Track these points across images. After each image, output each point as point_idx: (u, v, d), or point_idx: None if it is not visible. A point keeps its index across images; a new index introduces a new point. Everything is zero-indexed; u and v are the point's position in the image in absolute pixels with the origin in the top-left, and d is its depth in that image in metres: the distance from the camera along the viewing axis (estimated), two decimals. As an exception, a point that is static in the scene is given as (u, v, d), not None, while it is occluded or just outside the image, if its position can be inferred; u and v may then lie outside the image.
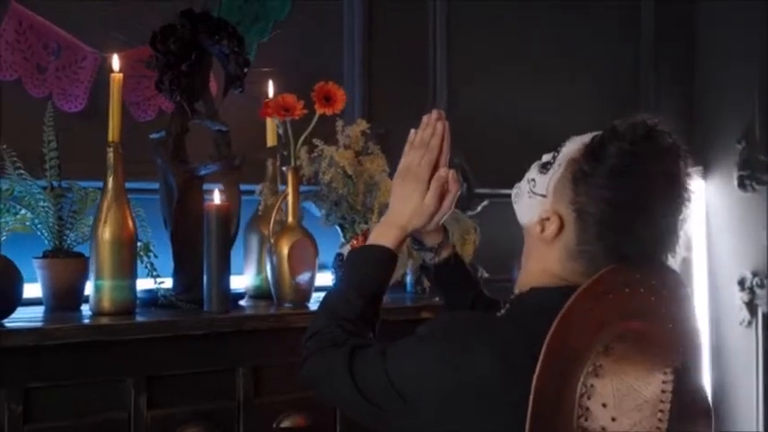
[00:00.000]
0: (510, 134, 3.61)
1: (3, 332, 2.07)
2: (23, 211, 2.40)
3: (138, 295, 2.45)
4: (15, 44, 2.57)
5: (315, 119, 2.61)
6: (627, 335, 1.67)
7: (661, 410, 1.64)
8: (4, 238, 2.36)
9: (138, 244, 2.44)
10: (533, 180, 1.85)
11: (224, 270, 2.40)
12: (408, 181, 2.01)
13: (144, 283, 2.45)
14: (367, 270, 1.98)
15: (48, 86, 2.64)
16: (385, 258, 1.98)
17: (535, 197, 1.83)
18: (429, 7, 3.50)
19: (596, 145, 1.74)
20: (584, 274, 1.72)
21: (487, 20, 3.62)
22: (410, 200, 2.00)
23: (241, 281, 2.75)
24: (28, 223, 2.40)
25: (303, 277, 2.56)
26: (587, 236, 1.73)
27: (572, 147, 1.80)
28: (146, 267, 2.47)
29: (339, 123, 2.80)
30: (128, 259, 2.33)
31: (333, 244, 2.84)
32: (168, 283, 2.51)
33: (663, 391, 1.61)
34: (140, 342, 2.23)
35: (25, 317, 2.25)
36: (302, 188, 2.72)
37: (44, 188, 2.43)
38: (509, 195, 3.46)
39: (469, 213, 3.51)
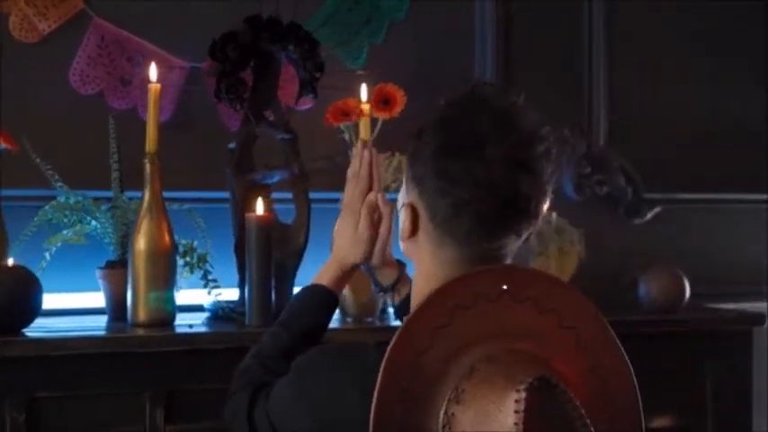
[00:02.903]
0: (682, 133, 3.22)
1: (11, 341, 2.11)
2: (86, 222, 2.44)
3: (207, 307, 2.44)
4: (97, 58, 2.63)
5: (378, 124, 2.46)
6: (497, 355, 1.43)
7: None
8: (56, 249, 2.40)
9: (195, 254, 2.42)
10: None
11: (264, 282, 2.31)
12: (344, 215, 1.94)
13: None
14: (298, 308, 1.91)
15: (132, 99, 2.67)
16: (318, 297, 1.91)
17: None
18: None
19: (425, 117, 1.56)
20: (456, 261, 1.54)
21: (652, 11, 3.24)
22: (345, 233, 1.92)
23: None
24: (87, 233, 2.44)
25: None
26: (434, 201, 1.52)
27: None
28: (201, 279, 2.45)
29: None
30: (163, 270, 2.30)
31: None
32: (232, 294, 2.47)
33: (516, 412, 1.34)
34: (160, 355, 2.19)
35: (77, 326, 2.30)
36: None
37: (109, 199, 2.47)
38: (685, 201, 3.22)
39: (637, 221, 3.19)
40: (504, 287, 1.46)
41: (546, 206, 1.55)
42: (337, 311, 2.07)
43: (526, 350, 1.46)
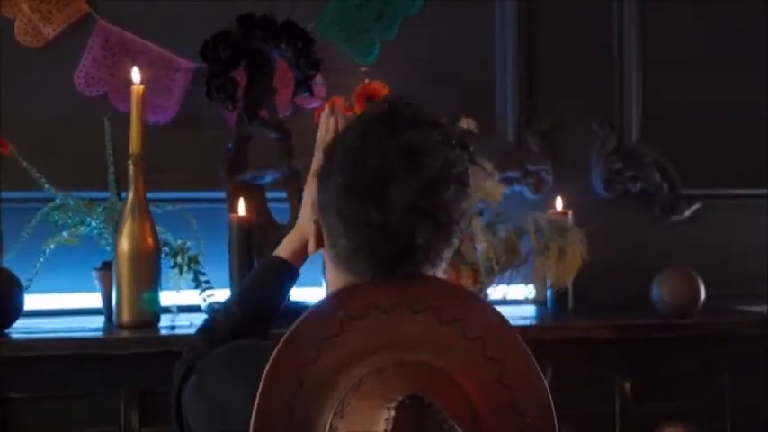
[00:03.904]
0: (719, 127, 3.07)
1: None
2: (86, 223, 2.46)
3: (203, 308, 2.45)
4: (102, 60, 2.65)
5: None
6: (386, 368, 1.37)
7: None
8: (57, 249, 2.43)
9: (187, 256, 2.42)
10: None
11: (246, 284, 2.29)
12: (309, 184, 1.80)
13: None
14: (251, 283, 1.82)
15: (136, 100, 2.68)
16: (272, 270, 1.80)
17: None
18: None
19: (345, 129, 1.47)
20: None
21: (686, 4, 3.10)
22: (309, 201, 1.76)
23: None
24: (84, 234, 2.46)
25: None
26: (334, 235, 1.43)
27: None
28: (193, 280, 2.45)
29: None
30: (147, 272, 2.31)
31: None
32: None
33: (385, 430, 1.28)
34: (136, 357, 2.20)
35: (63, 327, 2.33)
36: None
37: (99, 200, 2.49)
38: (726, 196, 3.06)
39: (674, 219, 3.05)
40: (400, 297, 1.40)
41: (450, 251, 1.45)
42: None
43: (424, 362, 1.39)
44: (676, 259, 2.77)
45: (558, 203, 2.74)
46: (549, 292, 2.68)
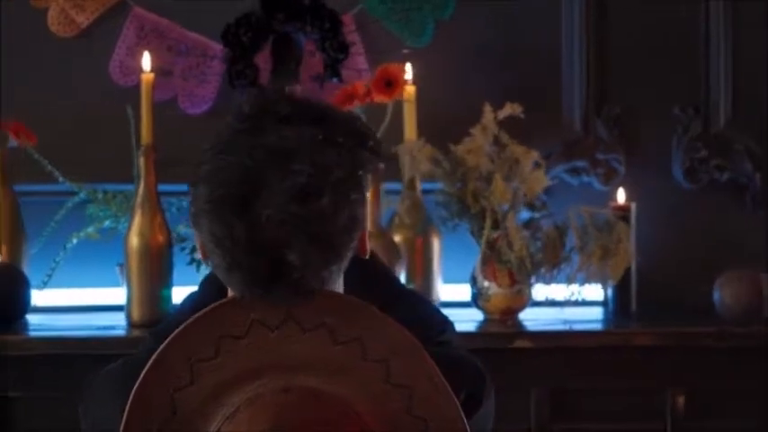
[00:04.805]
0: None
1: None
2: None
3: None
4: (137, 48, 2.56)
5: (389, 109, 2.25)
6: (265, 395, 1.21)
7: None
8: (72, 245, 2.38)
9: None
10: None
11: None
12: None
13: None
14: None
15: (172, 89, 2.59)
16: None
17: None
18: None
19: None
20: None
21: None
22: None
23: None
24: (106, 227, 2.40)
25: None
26: (207, 250, 1.24)
27: None
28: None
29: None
30: (157, 268, 2.22)
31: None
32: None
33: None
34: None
35: (78, 325, 2.27)
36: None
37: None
38: None
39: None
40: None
41: (343, 263, 1.26)
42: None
43: (314, 388, 1.23)
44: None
45: (621, 195, 2.50)
46: (608, 293, 2.45)
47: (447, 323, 1.49)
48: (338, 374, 1.23)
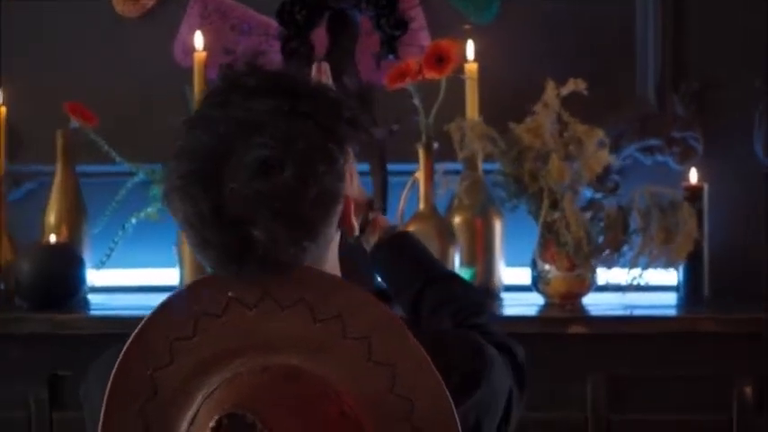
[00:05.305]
0: None
1: (28, 318, 2.14)
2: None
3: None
4: (200, 28, 2.55)
5: (443, 86, 2.18)
6: (242, 374, 1.18)
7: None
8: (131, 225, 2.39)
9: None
10: None
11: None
12: None
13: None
14: None
15: (235, 69, 2.57)
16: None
17: None
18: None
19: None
20: None
21: None
22: None
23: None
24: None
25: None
26: (181, 227, 1.21)
27: None
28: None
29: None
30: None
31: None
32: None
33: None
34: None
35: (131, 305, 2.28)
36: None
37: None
38: None
39: None
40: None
41: (321, 239, 1.22)
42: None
43: (295, 367, 1.19)
44: None
45: (693, 175, 2.37)
46: (679, 277, 2.34)
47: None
48: (318, 353, 1.19)
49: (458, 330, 1.39)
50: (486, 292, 2.24)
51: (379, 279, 1.59)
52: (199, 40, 2.27)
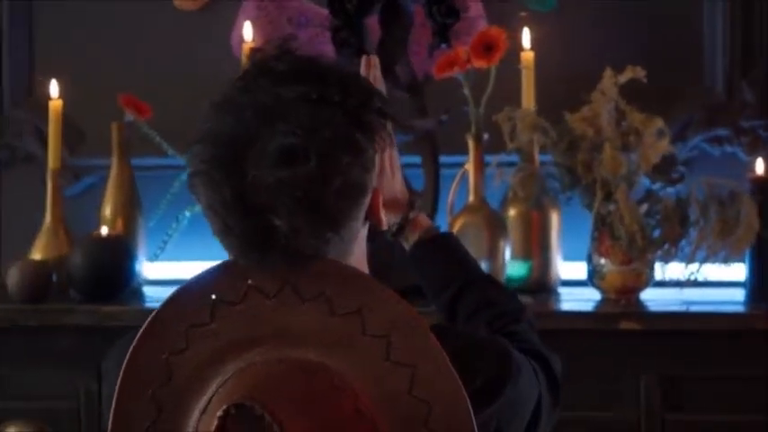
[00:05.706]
0: None
1: (78, 310, 2.15)
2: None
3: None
4: (256, 21, 2.54)
5: (492, 75, 2.12)
6: (258, 364, 1.16)
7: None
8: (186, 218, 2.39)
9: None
10: None
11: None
12: None
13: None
14: None
15: (291, 61, 2.56)
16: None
17: None
18: None
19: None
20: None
21: None
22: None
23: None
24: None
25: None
26: (204, 214, 1.21)
27: None
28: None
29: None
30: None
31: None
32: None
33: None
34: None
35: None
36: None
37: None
38: None
39: None
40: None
41: (346, 232, 1.18)
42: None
43: (311, 361, 1.16)
44: None
45: (759, 166, 2.28)
46: (746, 272, 2.24)
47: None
48: (336, 347, 1.16)
49: (487, 336, 1.35)
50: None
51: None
52: (248, 31, 2.25)
